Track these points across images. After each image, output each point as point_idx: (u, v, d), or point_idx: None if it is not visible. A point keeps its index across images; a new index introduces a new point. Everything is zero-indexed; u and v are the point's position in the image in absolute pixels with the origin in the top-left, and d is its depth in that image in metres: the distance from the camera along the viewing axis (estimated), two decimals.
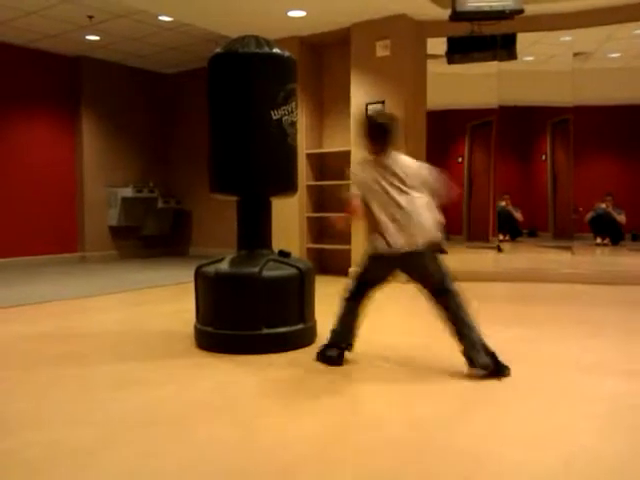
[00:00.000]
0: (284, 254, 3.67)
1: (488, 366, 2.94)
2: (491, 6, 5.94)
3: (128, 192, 9.19)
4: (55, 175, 8.84)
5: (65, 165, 8.98)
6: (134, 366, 3.25)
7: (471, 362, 2.97)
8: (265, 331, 3.41)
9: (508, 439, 2.20)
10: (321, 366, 3.20)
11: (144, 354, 3.51)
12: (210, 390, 2.82)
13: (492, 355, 2.97)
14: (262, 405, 2.61)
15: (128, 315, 4.92)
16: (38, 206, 8.59)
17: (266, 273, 3.42)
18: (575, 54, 9.59)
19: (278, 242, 4.16)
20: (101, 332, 4.19)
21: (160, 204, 9.59)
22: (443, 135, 11.11)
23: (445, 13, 6.11)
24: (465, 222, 11.69)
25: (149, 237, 9.78)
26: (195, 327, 3.65)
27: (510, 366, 2.98)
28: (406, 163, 3.20)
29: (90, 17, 7.21)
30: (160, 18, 7.14)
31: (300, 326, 3.54)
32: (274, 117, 3.54)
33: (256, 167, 3.55)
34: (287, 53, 3.68)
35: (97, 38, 8.08)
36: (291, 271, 3.52)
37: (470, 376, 2.95)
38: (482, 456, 2.04)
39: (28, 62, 8.47)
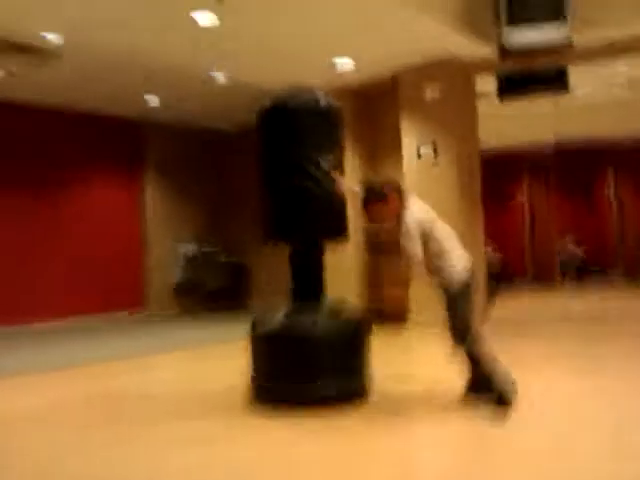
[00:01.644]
0: (339, 304, 3.63)
1: None
2: (540, 40, 5.81)
3: (190, 248, 9.45)
4: (120, 233, 9.13)
5: (130, 224, 9.28)
6: (192, 425, 3.22)
7: None
8: (320, 384, 3.33)
9: None
10: (376, 428, 3.05)
11: (199, 413, 3.48)
12: (263, 450, 2.75)
13: None
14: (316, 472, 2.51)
15: (189, 373, 4.93)
16: (103, 263, 8.83)
17: (320, 328, 3.39)
18: (631, 83, 9.29)
19: (335, 287, 4.09)
20: (162, 391, 4.20)
21: (222, 258, 9.80)
22: (500, 174, 10.90)
23: (493, 51, 6.04)
24: (528, 262, 11.34)
25: (211, 292, 9.93)
26: (252, 382, 3.60)
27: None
28: None
29: (147, 79, 7.40)
30: (214, 77, 7.31)
31: (356, 379, 3.47)
32: (323, 166, 3.55)
33: (306, 215, 3.56)
34: (333, 103, 3.72)
35: (157, 101, 8.35)
36: (345, 323, 3.49)
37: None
38: None
39: (94, 127, 8.85)
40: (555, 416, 3.10)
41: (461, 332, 3.21)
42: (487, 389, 3.20)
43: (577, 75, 6.94)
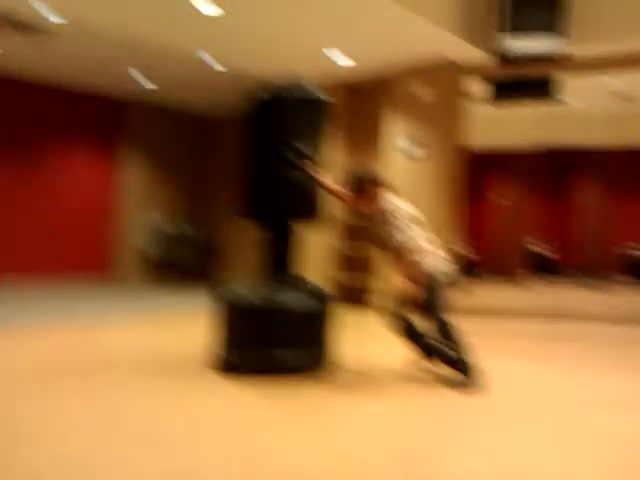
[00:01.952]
0: (307, 281, 3.76)
1: None
2: (538, 50, 5.92)
3: (164, 224, 9.54)
4: (98, 206, 9.18)
5: (108, 197, 9.32)
6: (147, 383, 3.33)
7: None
8: (282, 355, 3.48)
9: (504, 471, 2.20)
10: (334, 395, 3.20)
11: (160, 373, 3.58)
12: (222, 411, 2.88)
13: None
14: (270, 430, 2.62)
15: (154, 339, 4.99)
16: (83, 238, 8.93)
17: (287, 301, 3.53)
18: (619, 97, 9.47)
19: (305, 271, 4.17)
20: (127, 353, 4.27)
21: (193, 235, 9.87)
22: (483, 174, 11.07)
23: (487, 56, 6.11)
24: (501, 259, 11.60)
25: (182, 266, 10.00)
26: (216, 351, 3.70)
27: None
28: None
29: (136, 61, 7.23)
30: (209, 64, 7.18)
31: (318, 352, 3.62)
32: (304, 152, 3.66)
33: (282, 195, 3.69)
34: (322, 94, 3.80)
35: (143, 81, 8.19)
36: (311, 299, 3.61)
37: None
38: None
39: (75, 103, 8.83)
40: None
41: (431, 311, 3.44)
42: (453, 367, 3.44)
43: (570, 85, 7.06)
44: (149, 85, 7.99)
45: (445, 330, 3.43)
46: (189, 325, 5.66)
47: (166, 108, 9.72)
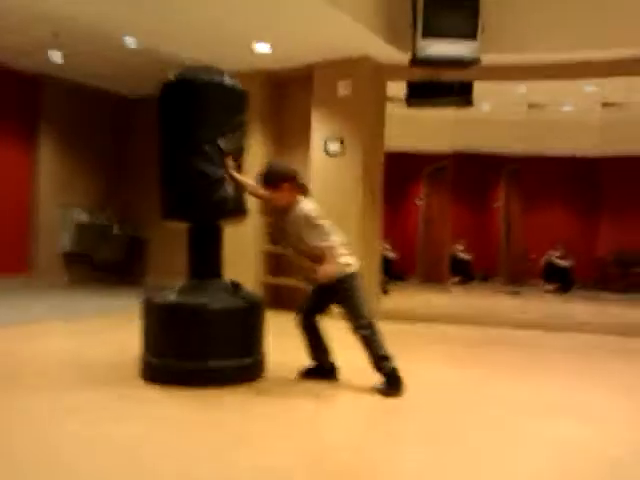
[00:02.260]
0: (234, 285, 3.64)
1: None
2: (450, 54, 6.15)
3: (82, 216, 9.02)
4: (9, 194, 8.62)
5: (20, 184, 8.76)
6: (70, 395, 3.14)
7: None
8: (211, 364, 3.35)
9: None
10: (264, 403, 3.15)
11: (83, 384, 3.40)
12: (150, 424, 2.74)
13: None
14: (192, 443, 2.54)
15: (74, 343, 4.77)
16: None
17: (214, 304, 3.38)
18: (530, 105, 10.00)
19: (233, 274, 4.13)
20: (43, 359, 4.05)
21: (115, 230, 9.45)
22: (400, 176, 11.36)
23: (406, 58, 6.29)
24: (420, 263, 11.89)
25: (102, 264, 9.59)
26: (140, 357, 3.56)
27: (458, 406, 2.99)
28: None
29: (55, 35, 7.09)
30: (125, 40, 7.09)
31: (247, 360, 3.50)
32: (222, 146, 3.53)
33: (202, 193, 3.52)
34: (238, 84, 3.70)
35: (60, 57, 7.94)
36: (240, 303, 3.49)
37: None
38: None
39: None
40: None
41: (357, 320, 3.43)
42: (379, 371, 3.43)
43: (482, 91, 7.36)
44: (65, 62, 7.68)
45: (372, 332, 3.44)
46: (113, 329, 5.50)
47: (85, 89, 9.27)
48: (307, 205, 3.47)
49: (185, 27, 6.22)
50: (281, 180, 3.46)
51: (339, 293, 3.47)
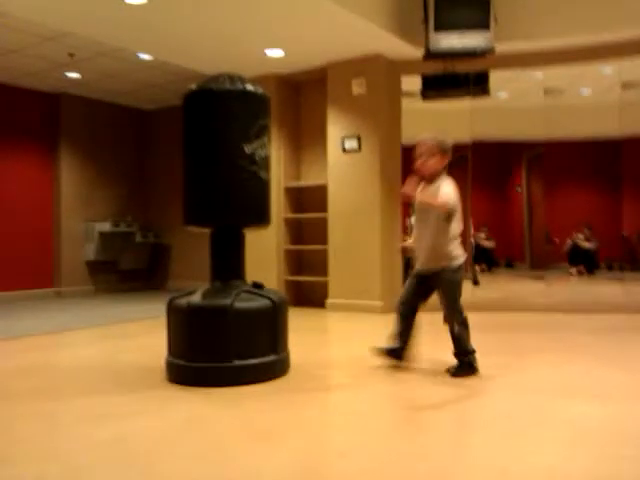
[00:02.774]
0: (257, 286, 3.69)
1: None
2: (463, 45, 6.14)
3: (105, 226, 9.19)
4: (33, 209, 8.81)
5: (43, 200, 8.96)
6: (105, 400, 3.22)
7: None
8: (236, 363, 3.40)
9: (475, 464, 2.21)
10: (295, 397, 3.20)
11: (116, 388, 3.48)
12: (180, 424, 2.80)
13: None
14: (232, 439, 2.60)
15: (102, 349, 4.87)
16: (14, 240, 8.52)
17: (238, 304, 3.43)
18: (547, 91, 9.89)
19: (255, 274, 4.22)
20: (74, 366, 4.14)
21: (138, 238, 9.59)
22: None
23: (419, 52, 6.30)
24: None
25: (127, 272, 9.75)
26: (166, 360, 3.64)
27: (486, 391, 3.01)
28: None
29: (71, 55, 7.29)
30: (140, 56, 7.25)
31: (272, 357, 3.55)
32: (247, 151, 3.60)
33: (228, 199, 3.59)
34: (260, 90, 3.76)
35: (77, 76, 8.16)
36: (263, 302, 3.54)
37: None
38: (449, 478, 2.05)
39: (8, 99, 8.51)
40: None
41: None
42: (460, 358, 3.62)
43: (498, 79, 7.32)
44: (82, 78, 7.83)
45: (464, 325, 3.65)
46: (140, 334, 5.61)
47: (104, 103, 9.51)
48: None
49: (197, 39, 6.31)
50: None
51: (443, 282, 3.63)
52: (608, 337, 5.13)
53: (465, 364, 3.61)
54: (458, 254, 3.67)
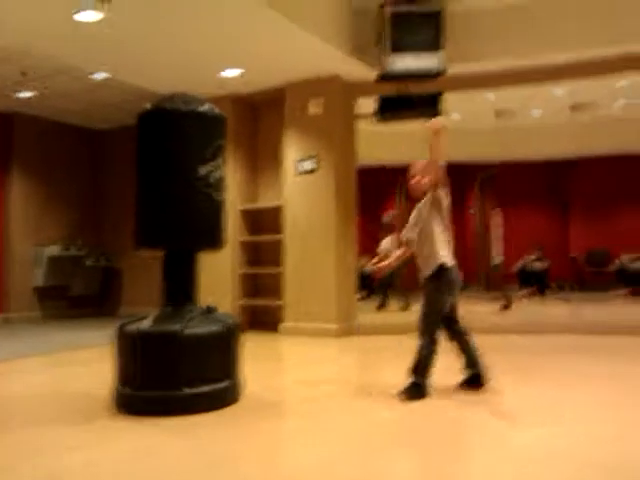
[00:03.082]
0: (210, 310, 3.60)
1: None
2: (418, 67, 6.22)
3: (55, 250, 8.94)
4: None
5: None
6: (48, 431, 3.07)
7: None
8: (186, 391, 3.28)
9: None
10: (247, 424, 3.11)
11: (61, 418, 3.32)
12: (126, 455, 2.68)
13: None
14: (181, 469, 2.49)
15: (51, 377, 4.69)
16: None
17: (188, 330, 3.32)
18: (498, 112, 10.12)
19: (209, 298, 4.10)
20: (22, 395, 3.97)
21: (89, 262, 9.34)
22: (376, 190, 11.42)
23: (375, 74, 6.34)
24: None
25: (77, 297, 9.46)
26: (115, 389, 3.49)
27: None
28: None
29: (24, 74, 7.10)
30: (94, 76, 7.10)
31: (224, 384, 3.44)
32: (201, 173, 3.52)
33: (181, 221, 3.50)
34: (216, 110, 3.70)
35: (30, 95, 7.95)
36: (215, 327, 3.44)
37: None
38: None
39: None
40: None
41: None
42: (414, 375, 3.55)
43: (451, 102, 7.44)
44: (34, 98, 7.64)
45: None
46: (89, 361, 5.40)
47: (55, 123, 9.28)
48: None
49: (152, 58, 6.23)
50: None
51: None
52: (560, 358, 5.18)
53: (413, 385, 3.53)
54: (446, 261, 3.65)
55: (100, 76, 7.12)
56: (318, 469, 2.44)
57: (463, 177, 11.82)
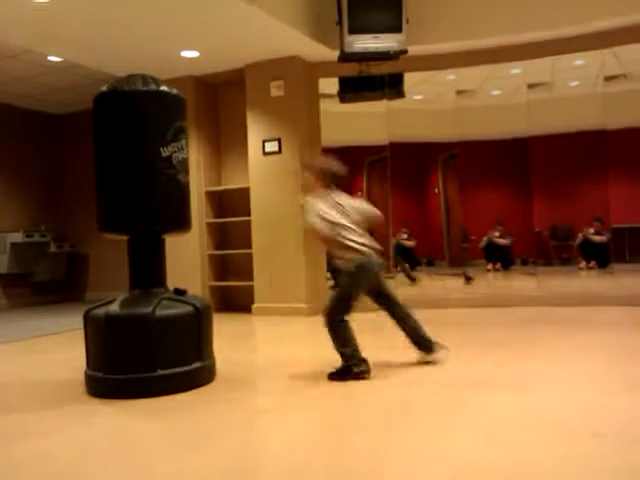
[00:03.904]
0: (179, 292, 3.61)
1: None
2: (377, 47, 6.26)
3: (17, 237, 8.77)
4: None
5: None
6: (22, 417, 3.07)
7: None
8: (160, 372, 3.31)
9: (398, 456, 2.25)
10: (221, 404, 3.16)
11: (31, 404, 3.32)
12: (101, 438, 2.71)
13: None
14: (157, 450, 2.53)
15: (19, 364, 4.64)
16: None
17: (159, 312, 3.33)
18: (459, 92, 10.24)
19: (179, 281, 4.13)
20: None
21: (53, 248, 9.20)
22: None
23: (335, 54, 6.36)
24: None
25: (42, 284, 9.33)
26: (85, 373, 3.50)
27: (411, 387, 3.06)
28: (350, 201, 3.91)
29: None
30: (49, 58, 6.96)
31: (197, 365, 3.47)
32: (163, 154, 3.51)
33: (145, 204, 3.49)
34: (175, 91, 3.67)
35: None
36: (186, 309, 3.45)
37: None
38: (368, 473, 2.08)
39: None
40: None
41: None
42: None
43: (412, 82, 7.52)
44: None
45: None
46: (56, 348, 5.37)
47: (11, 108, 9.07)
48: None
49: (109, 40, 6.12)
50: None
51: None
52: (524, 329, 5.35)
53: (342, 368, 3.56)
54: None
55: (55, 59, 6.97)
56: (290, 447, 2.50)
57: (427, 156, 11.95)
